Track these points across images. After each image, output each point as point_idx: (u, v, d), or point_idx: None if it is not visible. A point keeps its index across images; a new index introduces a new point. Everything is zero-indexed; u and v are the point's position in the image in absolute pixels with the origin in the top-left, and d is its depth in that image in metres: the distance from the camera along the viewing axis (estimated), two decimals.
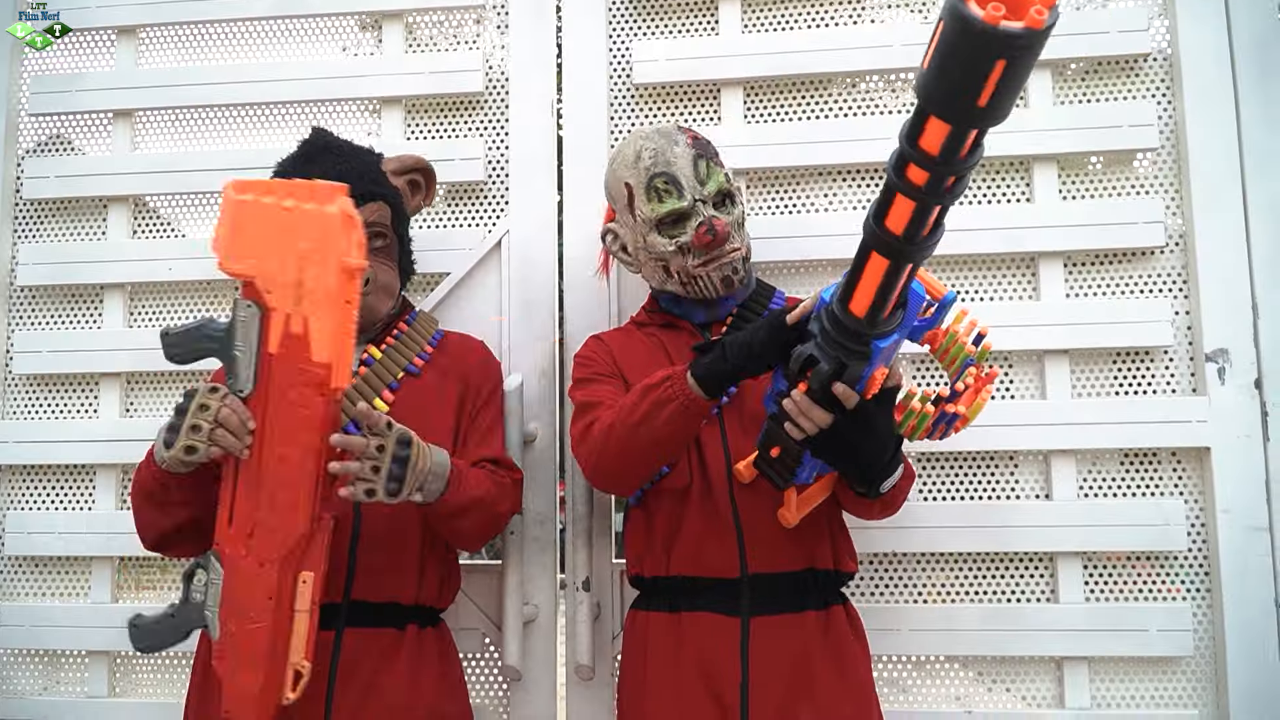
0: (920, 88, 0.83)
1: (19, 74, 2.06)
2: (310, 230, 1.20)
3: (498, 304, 1.86)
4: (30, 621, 1.90)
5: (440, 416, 1.53)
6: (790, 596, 1.38)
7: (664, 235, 1.46)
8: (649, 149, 1.46)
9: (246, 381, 1.25)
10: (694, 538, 1.40)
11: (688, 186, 1.44)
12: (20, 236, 2.02)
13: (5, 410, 1.98)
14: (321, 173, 1.44)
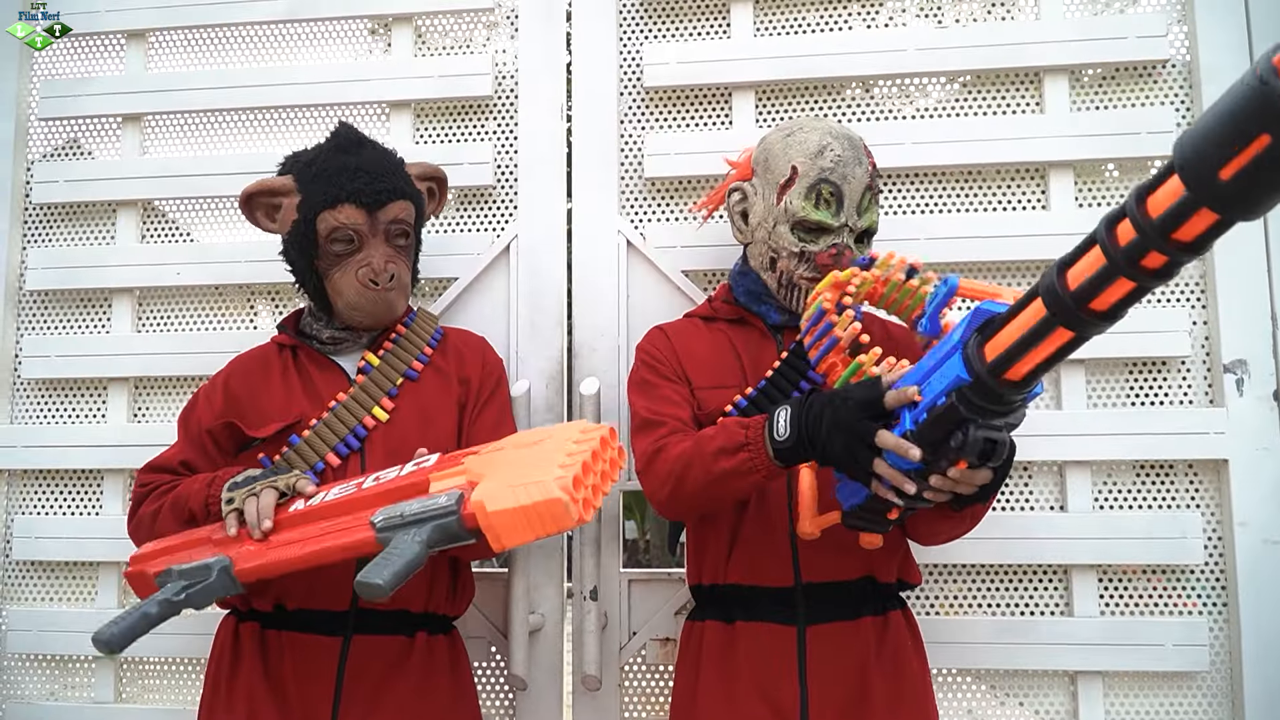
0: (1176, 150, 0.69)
1: (29, 78, 2.08)
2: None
3: (506, 309, 1.87)
4: (38, 626, 1.92)
5: (442, 421, 1.53)
6: (846, 604, 1.38)
7: (796, 234, 1.43)
8: (835, 152, 1.41)
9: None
10: (750, 546, 1.40)
11: (847, 210, 1.42)
12: (29, 241, 2.04)
13: (14, 415, 2.00)
14: (359, 163, 1.49)
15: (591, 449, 1.12)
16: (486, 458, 1.20)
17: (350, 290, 1.49)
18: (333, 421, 1.47)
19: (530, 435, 1.24)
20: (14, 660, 1.95)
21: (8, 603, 1.96)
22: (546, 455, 1.13)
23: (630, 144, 1.90)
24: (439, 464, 1.23)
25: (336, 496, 1.25)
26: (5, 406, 1.99)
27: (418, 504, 1.13)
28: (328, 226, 1.48)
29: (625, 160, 1.89)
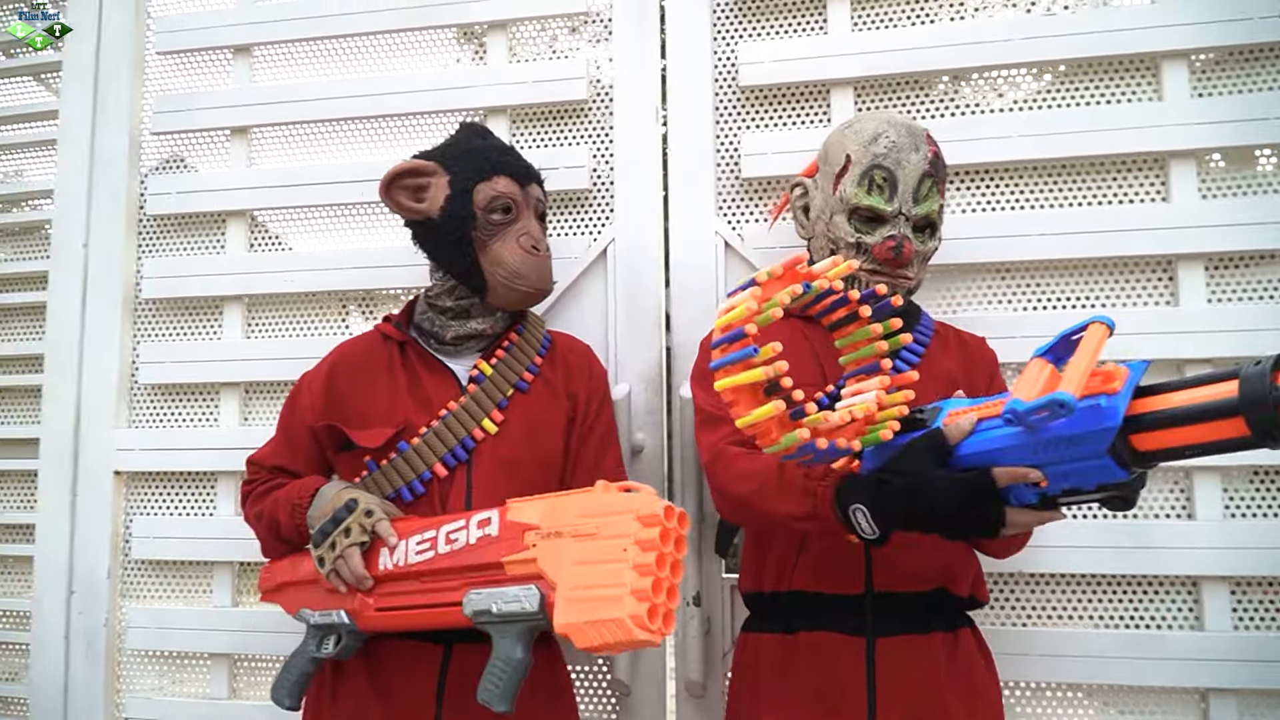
0: None
1: (141, 94, 2.17)
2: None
3: (604, 312, 1.87)
4: (156, 624, 2.00)
5: (549, 436, 1.51)
6: (917, 617, 1.34)
7: (852, 224, 1.42)
8: (889, 138, 1.40)
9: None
10: (818, 553, 1.36)
11: (901, 195, 1.39)
12: (144, 251, 2.13)
13: (133, 419, 2.09)
14: (501, 144, 1.56)
15: (656, 554, 1.08)
16: (552, 548, 1.16)
17: (513, 258, 1.49)
18: (442, 431, 1.45)
19: (581, 508, 1.17)
20: (132, 656, 2.04)
21: (128, 600, 2.05)
22: (612, 567, 1.09)
23: (726, 144, 1.88)
24: (505, 533, 1.22)
25: (421, 560, 1.28)
26: (124, 411, 2.08)
27: (503, 599, 1.19)
28: (486, 196, 1.49)
29: (722, 161, 1.88)
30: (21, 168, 2.31)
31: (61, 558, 2.05)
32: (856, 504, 1.12)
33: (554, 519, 1.17)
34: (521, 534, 1.19)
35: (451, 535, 1.27)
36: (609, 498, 1.15)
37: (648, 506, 1.10)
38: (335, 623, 1.36)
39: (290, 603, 1.46)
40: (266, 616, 1.92)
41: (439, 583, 1.26)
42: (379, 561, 1.31)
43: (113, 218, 2.11)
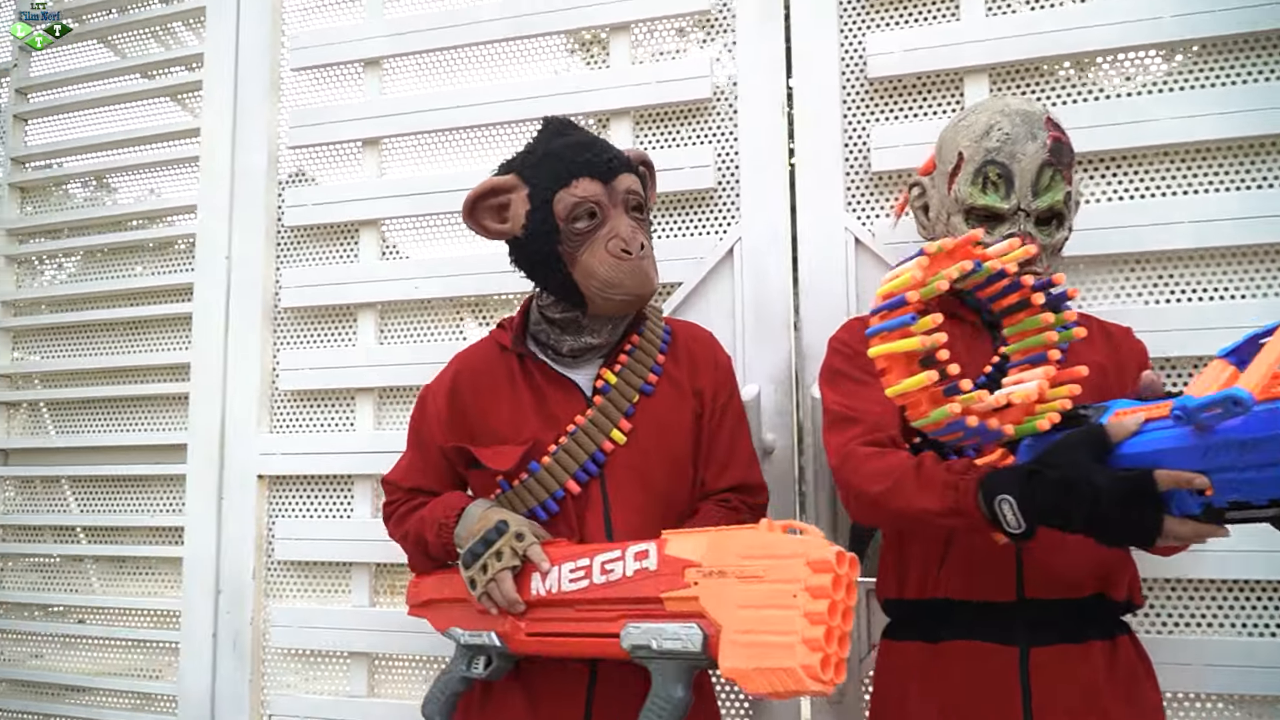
0: None
1: (278, 110, 2.27)
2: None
3: (731, 312, 1.89)
4: (297, 623, 2.11)
5: (679, 437, 1.49)
6: (1073, 625, 1.28)
7: (969, 224, 1.37)
8: (1002, 130, 1.34)
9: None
10: (965, 557, 1.32)
11: (1019, 190, 1.33)
12: (283, 262, 2.23)
13: (274, 424, 2.19)
14: (580, 140, 1.46)
15: (829, 602, 1.05)
16: (715, 588, 1.14)
17: (603, 267, 1.39)
18: (572, 448, 1.42)
19: (745, 548, 1.14)
20: (276, 654, 2.14)
21: (271, 600, 2.14)
22: (782, 614, 1.07)
23: (855, 138, 1.88)
24: (663, 568, 1.20)
25: (575, 588, 1.28)
26: (266, 417, 2.19)
27: (663, 636, 1.18)
28: (566, 205, 1.40)
29: (850, 155, 1.87)
30: (166, 185, 2.44)
31: (209, 559, 2.17)
32: (1003, 495, 1.08)
33: (716, 557, 1.15)
34: (681, 570, 1.17)
35: (607, 566, 1.25)
36: (775, 539, 1.12)
37: (819, 551, 1.07)
38: (486, 644, 1.38)
39: (439, 620, 1.49)
40: (403, 617, 1.97)
41: (594, 612, 1.25)
42: (530, 586, 1.31)
43: (253, 230, 2.23)
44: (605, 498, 1.42)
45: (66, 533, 2.45)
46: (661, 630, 1.18)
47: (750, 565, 1.11)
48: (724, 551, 1.14)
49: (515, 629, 1.33)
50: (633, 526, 1.39)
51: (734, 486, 1.49)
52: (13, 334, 2.55)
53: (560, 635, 1.28)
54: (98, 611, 2.39)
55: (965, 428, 1.06)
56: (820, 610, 1.04)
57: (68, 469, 2.44)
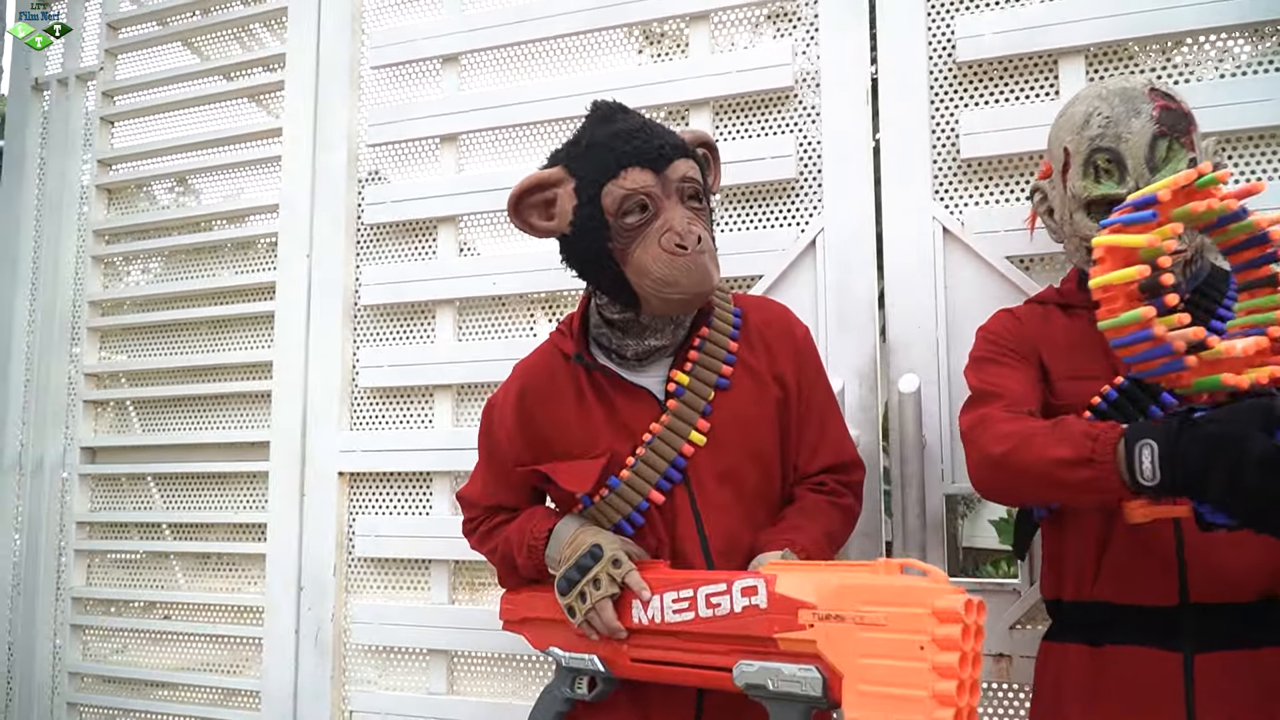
0: None
1: (357, 109, 2.33)
2: None
3: (814, 305, 1.89)
4: (378, 619, 2.16)
5: (762, 429, 1.43)
6: (1242, 630, 1.23)
7: (1093, 218, 1.32)
8: (1102, 115, 1.31)
9: None
10: (1123, 558, 1.28)
11: (1133, 171, 1.29)
12: (362, 259, 2.28)
13: (354, 422, 2.25)
14: (629, 126, 1.38)
15: (959, 654, 1.01)
16: (834, 633, 1.12)
17: (657, 264, 1.32)
18: (651, 457, 1.38)
19: (864, 593, 1.11)
20: (357, 650, 2.19)
21: (352, 596, 2.18)
22: (910, 667, 1.05)
23: (943, 124, 1.87)
24: (774, 607, 1.17)
25: (680, 620, 1.26)
26: (345, 414, 2.24)
27: (779, 677, 1.16)
28: (615, 198, 1.33)
29: (938, 142, 1.87)
30: (248, 185, 2.52)
31: (291, 556, 2.23)
32: (1146, 440, 1.05)
33: (833, 601, 1.12)
34: (795, 611, 1.15)
35: (713, 599, 1.23)
36: (897, 584, 1.09)
37: (945, 601, 1.03)
38: (589, 668, 1.37)
39: (537, 638, 1.49)
40: (483, 614, 2.03)
41: (702, 645, 1.24)
42: (632, 613, 1.30)
43: (333, 228, 2.30)
44: (694, 504, 1.39)
45: (152, 529, 2.55)
46: (778, 671, 1.16)
47: (871, 612, 1.08)
48: (841, 595, 1.12)
49: (618, 654, 1.33)
50: (727, 530, 1.37)
51: (828, 468, 1.46)
52: (100, 334, 2.65)
53: (667, 664, 1.28)
54: (182, 607, 2.47)
55: (1150, 338, 1.03)
56: (950, 663, 1.01)
57: (152, 466, 2.55)
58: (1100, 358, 1.33)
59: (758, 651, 1.18)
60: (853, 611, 1.09)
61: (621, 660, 1.33)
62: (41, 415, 2.64)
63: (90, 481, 2.62)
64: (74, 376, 2.64)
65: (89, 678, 2.54)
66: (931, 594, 1.05)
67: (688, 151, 1.39)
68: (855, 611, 1.09)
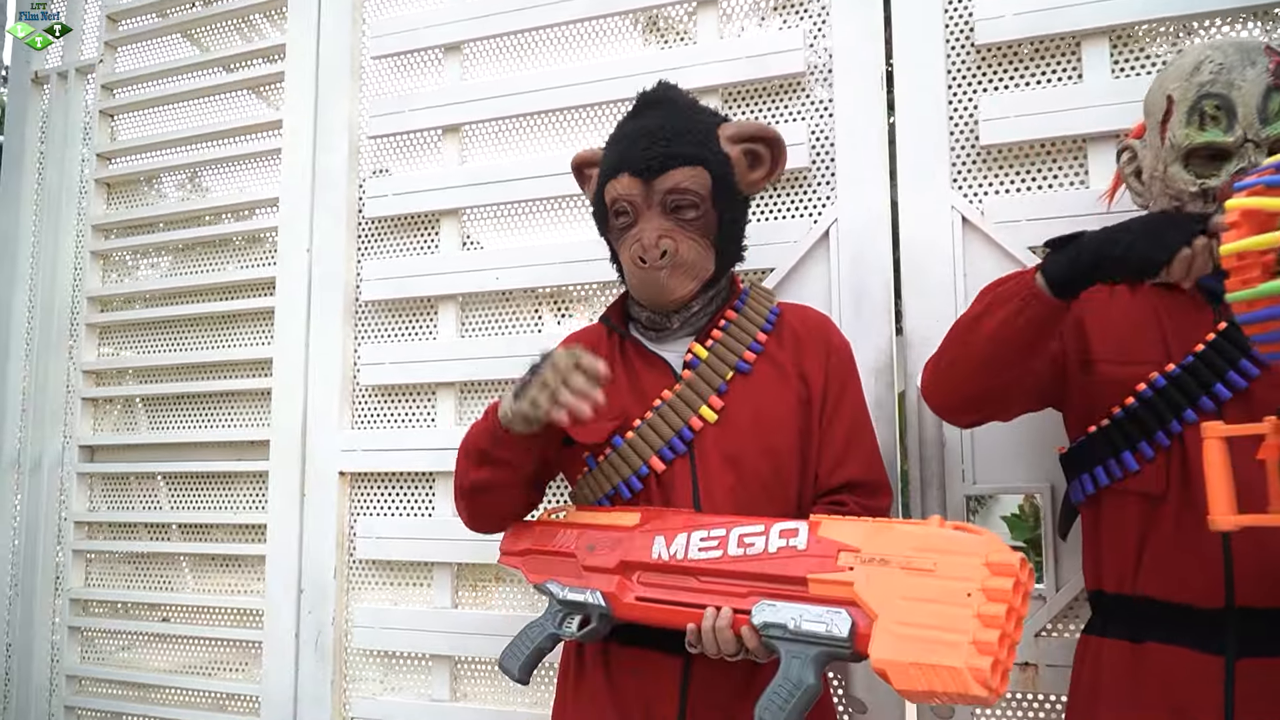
0: None
1: (359, 100, 2.28)
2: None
3: (827, 299, 1.83)
4: (379, 623, 2.11)
5: (779, 422, 1.41)
6: None
7: (1190, 170, 1.27)
8: (1214, 62, 1.24)
9: None
10: (1165, 553, 1.24)
11: (1243, 119, 1.22)
12: (363, 254, 2.24)
13: (355, 420, 2.20)
14: (643, 126, 1.43)
15: (1006, 607, 1.00)
16: (875, 576, 1.09)
17: (626, 268, 1.46)
18: (657, 422, 1.40)
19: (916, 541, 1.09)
20: (358, 655, 2.14)
21: (353, 599, 2.14)
22: (952, 611, 1.02)
23: (961, 109, 1.81)
24: (814, 549, 1.15)
25: (704, 557, 1.23)
26: (346, 412, 2.19)
27: (804, 618, 1.12)
28: (610, 198, 1.46)
29: (956, 128, 1.81)
30: (249, 179, 2.48)
31: (291, 557, 2.19)
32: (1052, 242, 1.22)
33: (880, 545, 1.10)
34: (835, 553, 1.13)
35: (746, 539, 1.20)
36: (950, 534, 1.08)
37: (1001, 554, 1.02)
38: (587, 602, 1.33)
39: (535, 571, 1.44)
40: (487, 619, 1.98)
41: (721, 585, 1.21)
42: (652, 549, 1.27)
43: (334, 222, 2.26)
44: (695, 480, 1.38)
45: (151, 530, 2.51)
46: (804, 611, 1.12)
47: (919, 558, 1.06)
48: (890, 541, 1.10)
49: (623, 589, 1.29)
50: (723, 513, 1.33)
51: (849, 483, 1.41)
52: (99, 330, 2.61)
53: (675, 604, 1.23)
54: (181, 609, 2.44)
55: None
56: (997, 614, 0.99)
57: (151, 465, 2.51)
58: (1156, 343, 1.29)
59: (783, 593, 1.15)
60: (900, 556, 1.08)
61: (625, 597, 1.28)
62: (40, 413, 2.61)
63: (89, 480, 2.59)
64: (72, 373, 2.61)
65: (87, 680, 2.50)
66: (987, 546, 1.04)
67: (694, 158, 1.40)
68: (903, 556, 1.08)
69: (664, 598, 1.25)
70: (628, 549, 1.30)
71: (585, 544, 1.37)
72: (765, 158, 1.50)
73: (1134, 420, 1.28)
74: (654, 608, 1.26)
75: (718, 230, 1.45)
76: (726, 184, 1.44)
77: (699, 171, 1.40)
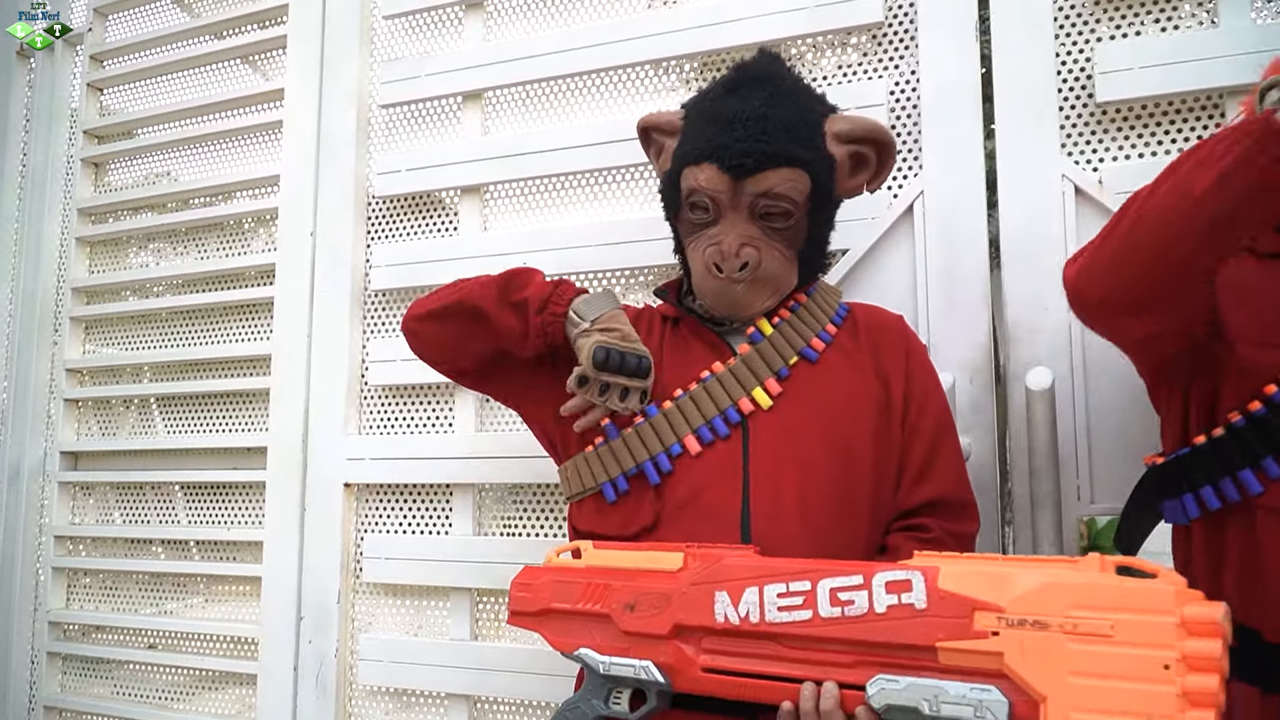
0: None
1: (369, 65, 2.07)
2: None
3: (912, 285, 1.61)
4: (389, 657, 1.89)
5: (849, 420, 1.22)
6: None
7: None
8: None
9: None
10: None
11: None
12: (373, 237, 2.03)
13: (363, 425, 1.98)
14: (742, 111, 1.21)
15: (1218, 675, 0.78)
16: (1031, 644, 0.87)
17: (696, 269, 1.27)
18: (700, 395, 1.23)
19: (1079, 595, 0.87)
20: (363, 692, 1.93)
21: (359, 629, 1.91)
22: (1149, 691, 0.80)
23: (1073, 62, 1.58)
24: (938, 608, 0.92)
25: (789, 620, 0.99)
26: (353, 416, 1.98)
27: (946, 699, 0.90)
28: (688, 186, 1.25)
29: (1066, 84, 1.57)
30: (247, 155, 2.26)
31: (290, 579, 1.99)
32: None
33: (1031, 602, 0.88)
34: (969, 613, 0.90)
35: (841, 594, 0.97)
36: (1120, 585, 0.85)
37: (1198, 609, 0.81)
38: (640, 678, 1.08)
39: (560, 635, 1.17)
40: (510, 653, 1.75)
41: (818, 654, 0.98)
42: (715, 609, 1.02)
43: (341, 202, 2.06)
44: (746, 473, 1.18)
45: (137, 546, 2.28)
46: (941, 690, 0.90)
47: (1088, 619, 0.84)
48: (1043, 596, 0.88)
49: (683, 661, 1.04)
50: (781, 517, 1.15)
51: (930, 502, 1.21)
52: (84, 324, 2.39)
53: (761, 678, 1.00)
54: (168, 635, 2.21)
55: None
56: (1209, 688, 0.78)
57: (138, 475, 2.28)
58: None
59: (905, 665, 0.93)
60: (1060, 618, 0.86)
61: (690, 671, 1.03)
62: (20, 415, 2.39)
63: (71, 490, 2.37)
64: (55, 372, 2.40)
65: (67, 712, 2.28)
66: (1176, 598, 0.82)
67: (796, 159, 1.21)
68: (1064, 618, 0.85)
69: (742, 668, 1.01)
70: (680, 608, 1.04)
71: (622, 601, 1.10)
72: (871, 162, 1.30)
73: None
74: (731, 682, 1.02)
75: (805, 241, 1.28)
76: (825, 191, 1.26)
77: (798, 175, 1.22)
